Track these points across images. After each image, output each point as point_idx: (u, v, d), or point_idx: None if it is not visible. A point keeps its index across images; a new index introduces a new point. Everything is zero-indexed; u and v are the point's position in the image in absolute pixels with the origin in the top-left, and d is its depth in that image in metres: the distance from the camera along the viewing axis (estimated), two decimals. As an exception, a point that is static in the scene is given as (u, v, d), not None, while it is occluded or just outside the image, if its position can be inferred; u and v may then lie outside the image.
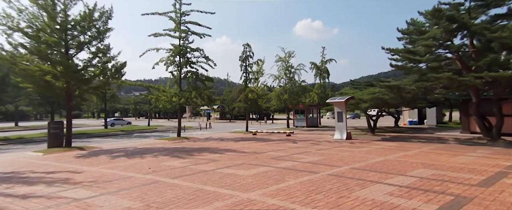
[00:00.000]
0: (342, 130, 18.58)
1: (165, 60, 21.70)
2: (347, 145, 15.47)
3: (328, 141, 17.93)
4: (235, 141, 18.97)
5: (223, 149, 14.73)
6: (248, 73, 28.09)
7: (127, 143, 19.78)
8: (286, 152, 13.28)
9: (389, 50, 16.04)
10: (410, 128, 28.12)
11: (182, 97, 21.63)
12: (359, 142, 16.80)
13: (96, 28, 15.97)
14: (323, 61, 36.83)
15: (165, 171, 9.36)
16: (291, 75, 31.78)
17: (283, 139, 19.66)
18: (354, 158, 11.12)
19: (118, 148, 16.49)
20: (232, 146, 16.25)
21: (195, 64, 22.37)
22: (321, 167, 9.36)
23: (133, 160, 11.93)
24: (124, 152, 14.57)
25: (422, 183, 7.05)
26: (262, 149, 14.56)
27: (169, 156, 12.82)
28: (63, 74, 14.73)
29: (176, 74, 22.21)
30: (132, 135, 28.19)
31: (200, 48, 22.05)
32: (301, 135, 23.27)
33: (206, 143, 18.39)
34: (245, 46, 27.71)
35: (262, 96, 30.03)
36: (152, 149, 15.41)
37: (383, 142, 16.25)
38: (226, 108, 59.73)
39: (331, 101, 18.97)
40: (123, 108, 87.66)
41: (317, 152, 13.01)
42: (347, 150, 13.43)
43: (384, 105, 18.47)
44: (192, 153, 13.65)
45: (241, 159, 11.42)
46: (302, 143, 17.11)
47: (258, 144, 17.16)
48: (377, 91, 17.63)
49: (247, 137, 22.04)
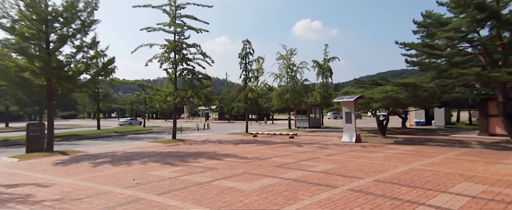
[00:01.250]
0: (351, 132, 17.08)
1: (160, 57, 20.15)
2: (359, 149, 13.95)
3: (336, 144, 16.42)
4: (235, 144, 17.44)
5: (222, 154, 13.19)
6: (248, 72, 26.54)
7: (117, 146, 18.22)
8: (292, 157, 11.75)
9: (404, 44, 14.53)
10: (419, 129, 26.62)
11: (177, 96, 20.07)
12: (371, 145, 15.28)
13: (80, 20, 14.40)
14: (326, 59, 35.31)
15: (152, 184, 7.82)
16: (293, 74, 30.27)
17: (286, 142, 18.14)
18: (373, 166, 9.59)
19: (106, 152, 14.93)
20: (231, 150, 14.73)
21: (191, 62, 20.83)
22: (338, 179, 7.83)
23: (118, 167, 10.37)
24: (110, 157, 13.01)
25: (479, 206, 5.49)
26: (265, 153, 13.03)
27: (160, 162, 11.28)
28: (42, 70, 13.16)
29: (171, 72, 20.66)
30: (125, 137, 26.60)
31: (196, 44, 20.52)
32: (305, 136, 21.75)
33: (203, 146, 16.86)
34: (245, 43, 26.15)
35: (262, 96, 28.46)
36: (143, 154, 13.86)
37: (398, 146, 14.74)
38: (224, 108, 58.16)
39: (339, 100, 17.46)
40: (119, 108, 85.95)
41: (328, 158, 11.48)
42: (361, 155, 11.90)
43: (396, 104, 16.99)
44: (186, 158, 12.11)
45: (242, 167, 9.88)
46: (308, 146, 15.59)
47: (260, 147, 15.64)
48: (389, 89, 16.11)
49: (247, 139, 20.51)
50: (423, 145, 14.85)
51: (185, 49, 20.66)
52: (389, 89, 16.08)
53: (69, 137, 25.95)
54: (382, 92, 15.98)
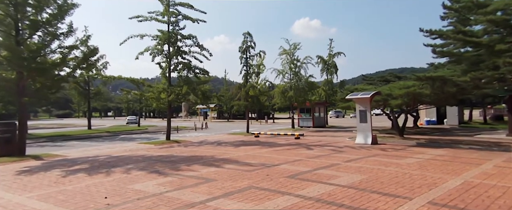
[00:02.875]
0: (366, 132, 15.15)
1: (152, 49, 18.17)
2: (380, 153, 12.02)
3: (349, 146, 14.50)
4: (235, 146, 15.52)
5: (221, 159, 11.25)
6: (249, 67, 24.57)
7: (104, 148, 16.26)
8: (305, 164, 9.82)
9: (430, 32, 12.59)
10: (433, 129, 24.74)
11: (172, 93, 18.11)
12: (391, 148, 13.35)
13: (57, 4, 12.39)
14: (331, 54, 33.41)
15: (127, 205, 5.88)
16: (297, 70, 28.33)
17: (292, 143, 16.22)
18: (412, 177, 7.65)
19: (87, 156, 12.97)
20: (231, 153, 12.79)
21: (187, 55, 18.86)
22: (377, 199, 5.90)
23: (93, 178, 8.42)
24: (90, 163, 11.05)
25: None
26: (271, 158, 11.10)
27: (146, 170, 9.33)
28: (9, 61, 11.19)
29: (164, 66, 18.67)
30: (117, 137, 24.62)
31: (192, 35, 18.53)
32: (312, 137, 19.82)
33: (200, 148, 14.93)
34: (246, 36, 24.17)
35: (264, 93, 26.50)
36: (129, 159, 11.91)
37: (424, 149, 12.81)
38: (223, 106, 56.14)
39: (352, 97, 15.54)
40: (115, 107, 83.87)
41: (349, 165, 9.55)
42: (388, 162, 9.96)
43: (417, 102, 15.07)
44: (179, 165, 10.17)
45: (246, 178, 7.95)
46: (319, 149, 13.67)
47: (264, 150, 13.71)
48: (411, 85, 14.18)
49: (248, 140, 18.58)
50: (453, 147, 12.93)
51: (180, 41, 18.69)
52: (411, 84, 14.16)
53: (55, 138, 23.98)
54: (403, 88, 14.06)
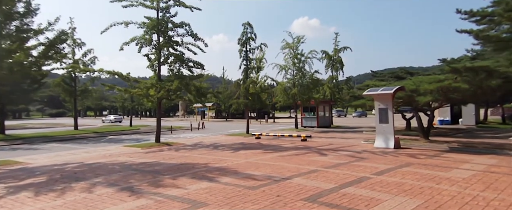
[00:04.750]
0: (388, 134, 12.92)
1: (138, 39, 15.87)
2: (412, 161, 9.80)
3: (368, 150, 12.28)
4: (234, 150, 13.28)
5: (216, 169, 9.00)
6: (249, 61, 22.30)
7: (81, 152, 13.99)
8: (325, 177, 7.57)
9: (471, 14, 10.38)
10: (450, 129, 22.54)
11: (161, 89, 15.83)
12: (422, 154, 11.12)
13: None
14: (336, 49, 31.12)
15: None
16: (300, 65, 26.06)
17: (300, 147, 13.99)
18: (488, 203, 5.42)
19: (54, 164, 10.70)
20: (229, 160, 10.55)
21: (179, 46, 16.59)
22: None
23: (35, 201, 6.17)
24: (50, 175, 8.78)
25: None
26: (279, 168, 8.85)
27: (116, 187, 7.08)
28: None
29: (153, 58, 16.38)
30: (104, 139, 22.29)
31: (185, 23, 16.26)
32: (320, 139, 17.58)
33: (193, 153, 12.68)
34: (245, 26, 21.89)
35: (266, 90, 24.23)
36: (103, 168, 9.65)
37: (464, 156, 10.58)
38: (222, 105, 53.80)
39: (371, 93, 13.30)
40: (111, 106, 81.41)
41: (384, 179, 7.30)
42: (432, 175, 7.72)
43: (448, 98, 12.83)
44: (162, 178, 7.92)
45: (249, 202, 5.72)
46: (334, 154, 11.44)
47: (269, 156, 11.47)
48: (443, 78, 11.94)
49: (249, 143, 16.34)
50: (498, 154, 10.70)
51: (171, 30, 16.42)
52: (443, 78, 11.93)
53: (34, 139, 21.64)
54: (434, 82, 11.83)
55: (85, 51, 27.47)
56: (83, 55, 27.34)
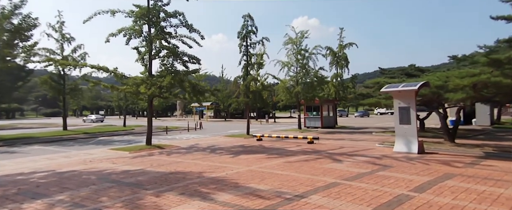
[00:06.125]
0: (410, 137, 11.25)
1: (127, 30, 14.16)
2: (448, 170, 8.14)
3: (388, 155, 10.62)
4: (234, 155, 11.61)
5: (211, 181, 7.33)
6: (249, 57, 20.60)
7: (60, 156, 12.30)
8: (351, 196, 5.91)
9: None
10: (466, 131, 20.93)
11: (152, 86, 14.13)
12: (457, 161, 9.46)
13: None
14: (341, 46, 29.47)
15: None
16: (304, 61, 24.38)
17: (308, 150, 12.34)
18: None
19: (20, 172, 9.03)
20: (228, 167, 8.88)
21: (173, 38, 14.90)
22: None
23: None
24: (6, 188, 7.11)
25: None
26: (289, 179, 7.18)
27: (80, 209, 5.41)
28: None
29: (143, 51, 14.68)
30: (92, 140, 20.57)
31: (179, 12, 14.57)
32: (328, 141, 15.92)
33: (186, 158, 11.01)
34: (246, 19, 20.19)
35: (267, 88, 22.53)
36: (76, 178, 7.98)
37: (507, 163, 8.94)
38: (220, 104, 52.04)
39: (391, 90, 11.62)
40: (107, 105, 79.59)
41: (434, 202, 5.61)
42: (495, 192, 6.03)
43: (480, 96, 11.16)
44: (142, 194, 6.25)
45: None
46: (350, 161, 9.77)
47: (274, 162, 9.81)
48: (476, 73, 10.25)
49: (250, 145, 14.69)
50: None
51: (164, 21, 14.74)
52: (477, 72, 10.26)
53: (17, 141, 19.94)
54: (467, 77, 10.15)
55: (74, 47, 25.78)
56: (73, 51, 25.65)
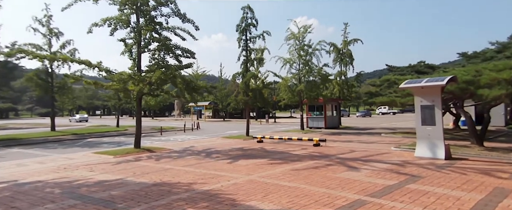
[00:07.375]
0: (435, 140, 9.75)
1: (112, 19, 12.62)
2: (500, 184, 6.66)
3: (409, 161, 9.14)
4: (232, 159, 10.11)
5: (202, 197, 5.82)
6: (249, 52, 19.07)
7: (34, 162, 10.79)
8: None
9: None
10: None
11: (140, 82, 12.60)
12: (496, 169, 7.98)
13: None
14: (346, 42, 27.95)
15: None
16: (307, 58, 22.87)
17: (316, 155, 10.85)
18: None
19: (-26, 184, 7.51)
20: (224, 176, 7.38)
21: (164, 30, 13.36)
22: None
23: None
24: None
25: None
26: (300, 196, 5.69)
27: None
28: None
29: (130, 44, 13.14)
30: (80, 142, 19.02)
31: (171, 0, 13.04)
32: (335, 143, 14.43)
33: (177, 163, 9.51)
34: (245, 11, 18.67)
35: (268, 86, 21.01)
36: (36, 191, 6.49)
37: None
38: (219, 104, 50.49)
39: (412, 86, 10.12)
40: (103, 105, 77.96)
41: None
42: None
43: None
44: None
45: None
46: (368, 168, 8.28)
47: (279, 169, 8.32)
48: (515, 64, 8.80)
49: (250, 148, 13.19)
50: None
51: (154, 10, 13.21)
52: (515, 63, 8.81)
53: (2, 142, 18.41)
54: (507, 69, 8.66)
55: (63, 43, 24.22)
56: (61, 47, 24.10)
